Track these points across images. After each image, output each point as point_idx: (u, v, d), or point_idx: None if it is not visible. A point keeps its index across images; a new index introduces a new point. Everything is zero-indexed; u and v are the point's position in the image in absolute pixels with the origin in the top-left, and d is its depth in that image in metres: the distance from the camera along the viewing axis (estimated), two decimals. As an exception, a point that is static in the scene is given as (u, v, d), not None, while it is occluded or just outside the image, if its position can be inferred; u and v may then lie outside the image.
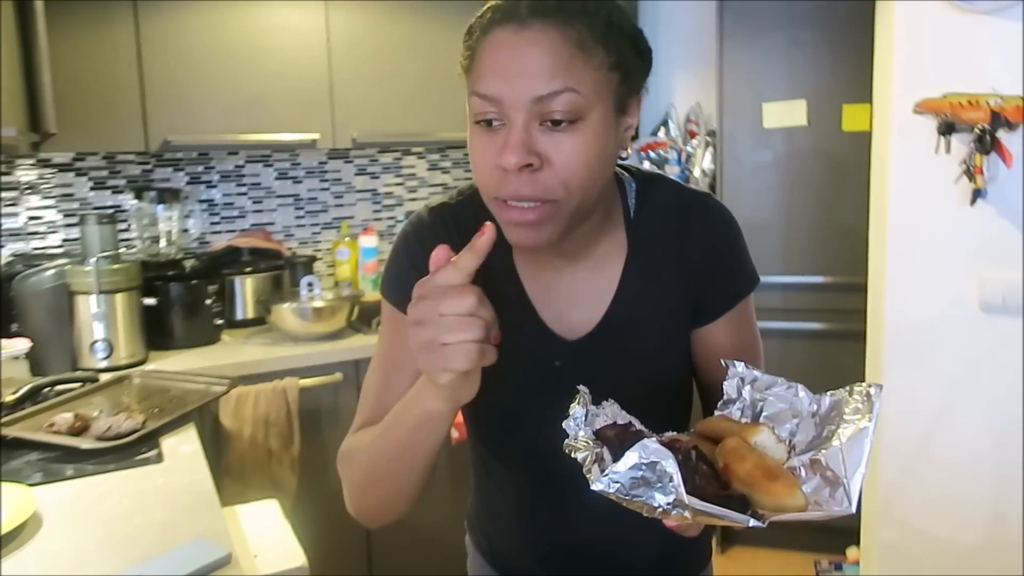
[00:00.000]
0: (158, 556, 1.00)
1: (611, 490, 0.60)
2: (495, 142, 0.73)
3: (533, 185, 0.72)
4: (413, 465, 0.79)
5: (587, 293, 0.87)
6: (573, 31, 0.71)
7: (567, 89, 0.71)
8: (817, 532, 2.77)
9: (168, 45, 2.21)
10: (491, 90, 0.72)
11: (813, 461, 0.64)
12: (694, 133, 3.03)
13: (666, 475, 0.59)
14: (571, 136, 0.72)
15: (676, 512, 0.59)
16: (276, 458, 2.10)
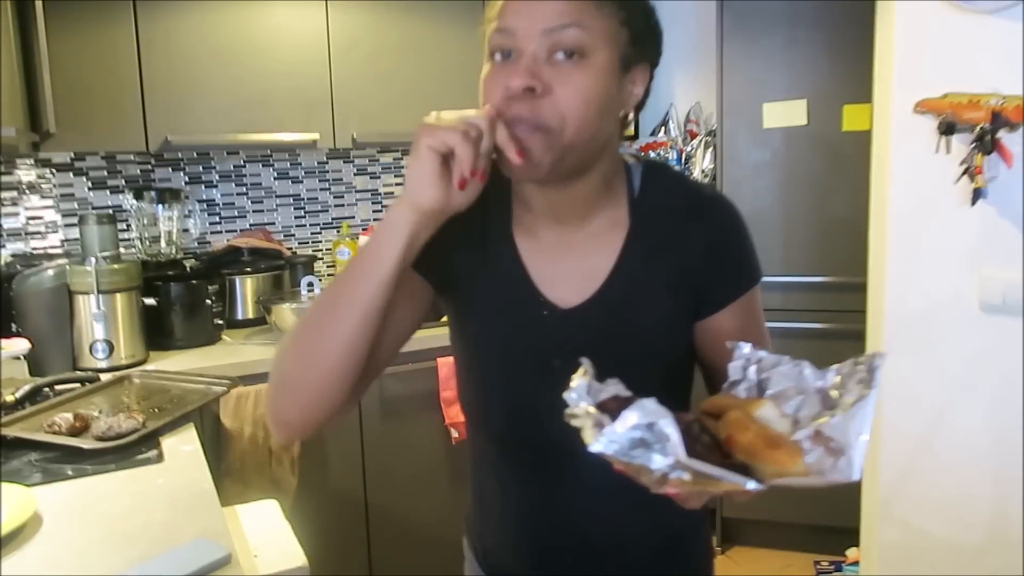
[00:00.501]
0: (158, 556, 1.00)
1: (609, 451, 0.60)
2: (505, 71, 0.78)
3: (532, 108, 0.76)
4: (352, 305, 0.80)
5: (584, 265, 0.88)
6: None
7: (574, 24, 0.76)
8: (817, 532, 2.77)
9: (168, 45, 2.21)
10: (508, 23, 0.78)
11: (816, 432, 0.63)
12: (694, 133, 3.03)
13: (664, 435, 0.59)
14: (574, 70, 0.77)
15: (675, 475, 0.59)
16: (276, 458, 2.10)
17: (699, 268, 0.88)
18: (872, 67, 1.98)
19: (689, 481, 0.59)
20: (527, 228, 0.90)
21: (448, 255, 0.89)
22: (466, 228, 0.87)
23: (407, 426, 2.30)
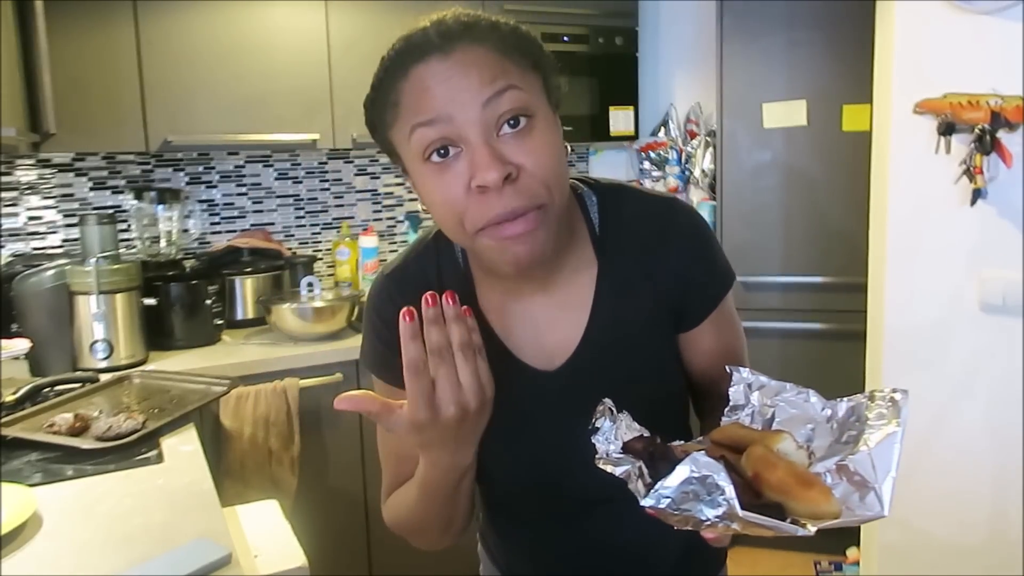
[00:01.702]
0: (158, 556, 1.00)
1: (661, 505, 0.59)
2: (458, 169, 0.70)
3: (518, 195, 0.70)
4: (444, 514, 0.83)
5: (560, 318, 0.84)
6: (491, 43, 0.72)
7: (510, 87, 0.70)
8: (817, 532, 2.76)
9: (168, 45, 2.21)
10: (436, 110, 0.70)
11: (840, 467, 0.64)
12: (694, 133, 3.03)
13: (717, 488, 0.58)
14: (531, 135, 0.71)
15: (723, 524, 0.59)
16: (276, 458, 2.10)
17: (675, 289, 0.85)
18: (872, 67, 1.98)
19: (739, 528, 0.59)
20: (497, 303, 0.85)
21: None
22: None
23: (407, 426, 2.30)
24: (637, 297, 0.84)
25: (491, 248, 0.73)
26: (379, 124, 0.78)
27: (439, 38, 0.72)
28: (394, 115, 0.74)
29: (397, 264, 0.89)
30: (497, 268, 0.76)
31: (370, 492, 2.28)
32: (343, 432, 2.24)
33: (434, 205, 0.74)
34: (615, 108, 2.94)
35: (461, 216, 0.72)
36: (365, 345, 0.91)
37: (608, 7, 2.85)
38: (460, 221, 0.72)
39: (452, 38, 0.71)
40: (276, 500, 1.62)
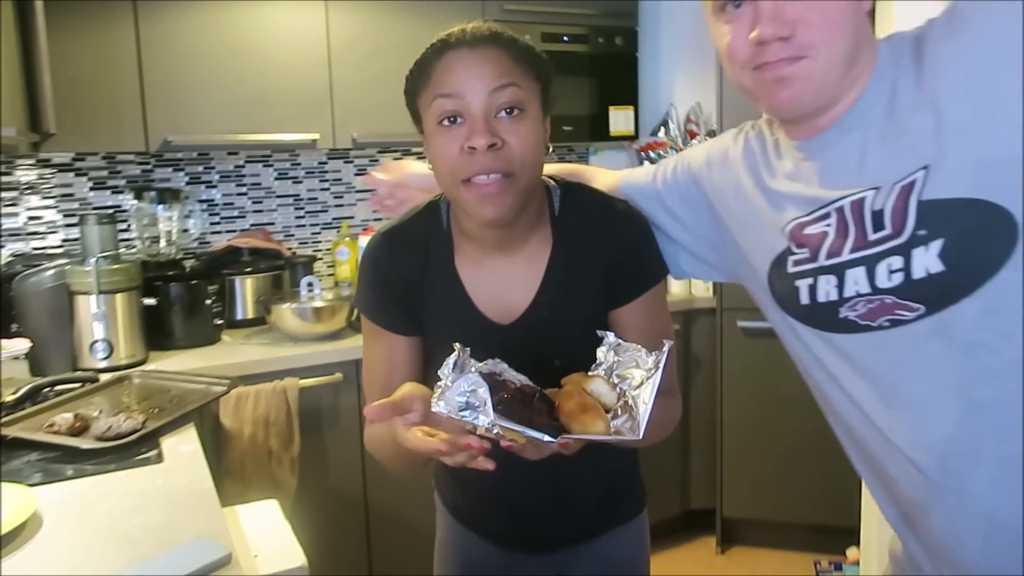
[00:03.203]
0: (158, 556, 1.00)
1: (445, 411, 0.77)
2: (459, 134, 0.91)
3: (497, 160, 0.91)
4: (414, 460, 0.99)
5: (518, 283, 1.04)
6: (509, 50, 0.94)
7: (513, 83, 0.92)
8: (817, 532, 2.77)
9: (168, 45, 2.21)
10: (455, 88, 0.91)
11: (625, 403, 0.82)
12: (694, 133, 3.03)
13: (482, 400, 0.76)
14: (520, 123, 0.92)
15: (496, 431, 0.76)
16: (276, 458, 2.10)
17: (613, 268, 1.03)
18: (872, 67, 1.98)
19: (504, 435, 0.77)
20: (470, 258, 1.05)
21: (414, 309, 1.06)
22: (418, 280, 1.06)
23: (407, 426, 2.31)
24: (583, 271, 1.03)
25: (468, 201, 0.94)
26: (413, 90, 0.97)
27: (470, 36, 0.93)
28: (424, 85, 0.95)
29: (394, 224, 1.09)
30: (472, 220, 0.98)
31: (370, 492, 2.28)
32: (343, 432, 2.24)
33: (436, 158, 0.95)
34: (615, 108, 2.94)
35: (453, 168, 0.92)
36: (360, 291, 1.10)
37: (608, 7, 2.85)
38: (452, 171, 0.93)
39: (480, 39, 0.93)
40: (276, 500, 1.62)
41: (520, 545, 1.18)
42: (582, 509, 1.15)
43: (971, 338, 0.78)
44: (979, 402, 0.78)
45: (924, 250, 0.77)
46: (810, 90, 0.82)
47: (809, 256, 0.88)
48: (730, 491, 2.82)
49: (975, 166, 0.76)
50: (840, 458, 1.00)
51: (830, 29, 0.80)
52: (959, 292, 0.77)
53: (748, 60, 0.83)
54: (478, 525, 1.20)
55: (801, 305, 0.90)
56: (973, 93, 0.76)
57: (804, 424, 2.73)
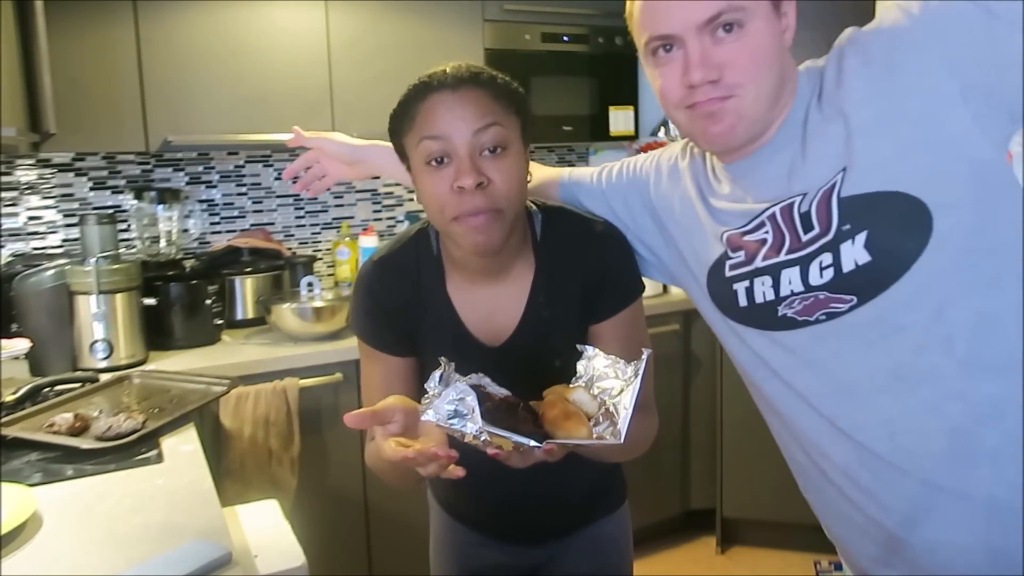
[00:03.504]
0: (158, 556, 1.00)
1: (434, 419, 0.80)
2: (447, 174, 0.96)
3: (484, 198, 0.95)
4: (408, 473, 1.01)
5: (505, 306, 1.09)
6: (490, 89, 0.98)
7: (495, 123, 0.96)
8: (817, 532, 2.76)
9: (168, 45, 2.21)
10: (440, 131, 0.95)
11: (606, 411, 0.86)
12: (694, 133, 3.02)
13: (470, 407, 0.79)
14: (504, 160, 0.97)
15: (483, 438, 0.79)
16: (276, 458, 2.10)
17: (593, 286, 1.08)
18: (872, 67, 1.98)
19: (491, 442, 0.80)
20: (460, 284, 1.10)
21: (407, 332, 1.11)
22: (410, 305, 1.10)
23: (407, 426, 2.31)
24: (565, 291, 1.08)
25: (459, 233, 0.98)
26: (398, 131, 1.02)
27: (452, 79, 0.97)
28: (409, 126, 0.99)
29: (384, 253, 1.13)
30: (462, 251, 1.03)
31: (370, 492, 2.28)
32: (343, 432, 2.24)
33: (425, 196, 1.00)
34: (615, 108, 2.94)
35: (443, 207, 0.97)
36: (355, 316, 1.15)
37: (608, 7, 2.85)
38: (441, 210, 0.98)
39: (461, 80, 0.97)
40: (276, 500, 1.62)
41: (512, 538, 1.25)
42: (569, 504, 1.23)
43: (901, 321, 0.84)
44: (915, 378, 0.84)
45: (851, 243, 0.84)
46: (741, 125, 0.90)
47: (744, 260, 0.95)
48: (730, 491, 2.82)
49: (883, 162, 0.83)
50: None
51: (755, 69, 0.87)
52: (887, 279, 0.83)
53: (680, 101, 0.90)
54: (471, 520, 1.27)
55: (740, 307, 0.96)
56: (872, 99, 0.85)
57: (804, 424, 2.73)
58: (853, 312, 0.86)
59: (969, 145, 0.81)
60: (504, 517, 1.24)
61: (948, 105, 0.81)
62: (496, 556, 1.26)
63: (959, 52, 0.80)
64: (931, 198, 0.81)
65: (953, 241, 0.81)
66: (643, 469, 2.70)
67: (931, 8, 0.82)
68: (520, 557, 1.26)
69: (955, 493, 0.84)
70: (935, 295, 0.82)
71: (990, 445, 0.82)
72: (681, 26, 0.86)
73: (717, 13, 0.85)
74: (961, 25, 0.80)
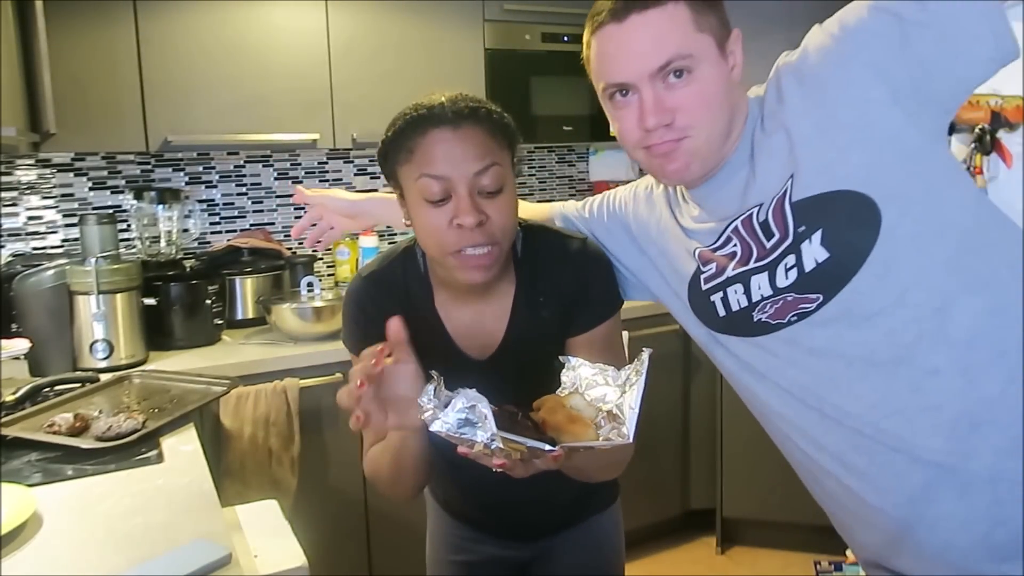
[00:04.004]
0: (158, 556, 1.00)
1: (443, 430, 0.80)
2: (446, 211, 0.98)
3: (484, 235, 0.99)
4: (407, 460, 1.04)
5: (490, 321, 1.12)
6: (487, 126, 1.00)
7: (494, 164, 0.99)
8: (817, 532, 2.76)
9: (168, 45, 2.21)
10: (441, 171, 0.98)
11: (609, 412, 0.87)
12: (694, 133, 3.03)
13: (482, 415, 0.79)
14: (500, 197, 1.00)
15: (494, 445, 0.79)
16: (276, 458, 2.10)
17: (571, 300, 1.11)
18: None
19: (503, 449, 0.79)
20: (447, 301, 1.13)
21: None
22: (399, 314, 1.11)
23: (407, 426, 2.31)
24: (544, 306, 1.12)
25: (456, 267, 1.01)
26: (391, 159, 1.04)
27: (452, 114, 0.98)
28: (407, 158, 1.01)
29: (373, 268, 1.17)
30: (454, 281, 1.06)
31: (370, 492, 2.28)
32: (343, 432, 2.24)
33: (422, 229, 1.02)
34: (615, 108, 2.94)
35: (441, 240, 1.00)
36: (346, 330, 1.18)
37: (608, 7, 2.85)
38: (439, 244, 1.00)
39: (461, 117, 0.98)
40: (276, 500, 1.62)
41: (507, 534, 1.30)
42: (562, 504, 1.27)
43: (867, 309, 0.88)
44: (890, 361, 0.89)
45: (809, 243, 0.90)
46: (695, 162, 0.96)
47: (716, 271, 1.00)
48: (730, 491, 2.82)
49: (826, 165, 0.89)
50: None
51: (706, 110, 0.93)
52: (847, 273, 0.88)
53: (638, 142, 0.97)
54: (467, 517, 1.32)
55: (720, 318, 1.02)
56: (809, 111, 0.92)
57: (804, 424, 2.73)
58: (821, 309, 0.91)
59: (903, 140, 0.87)
60: (499, 516, 1.28)
61: (878, 107, 0.87)
62: (491, 550, 1.30)
63: (880, 59, 0.87)
64: (875, 192, 0.87)
65: (902, 228, 0.87)
66: (643, 469, 2.70)
67: (849, 26, 0.90)
68: (514, 552, 1.31)
69: (947, 468, 0.87)
70: (895, 280, 0.87)
71: (972, 415, 0.86)
72: (635, 75, 0.93)
73: (667, 61, 0.91)
74: (877, 35, 0.87)
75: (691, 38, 0.92)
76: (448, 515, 1.34)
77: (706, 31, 0.93)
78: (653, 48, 0.91)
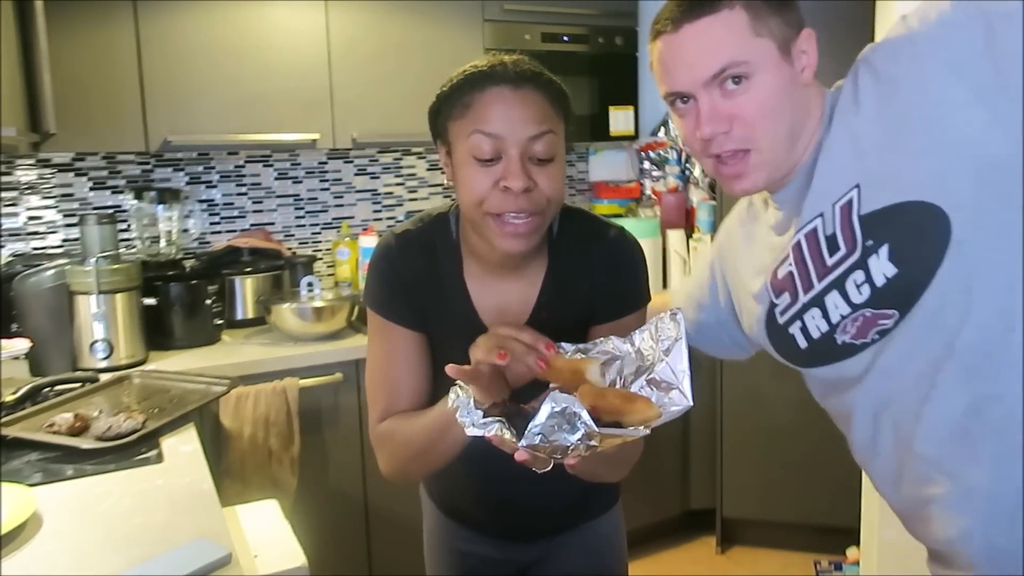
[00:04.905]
0: (158, 556, 1.00)
1: (536, 441, 0.76)
2: (494, 171, 0.96)
3: (529, 202, 0.96)
4: (443, 451, 1.02)
5: (517, 299, 1.10)
6: (547, 92, 0.98)
7: (550, 131, 0.97)
8: (817, 532, 2.77)
9: (168, 45, 2.21)
10: (495, 129, 0.95)
11: (650, 380, 0.84)
12: (694, 133, 3.02)
13: (575, 415, 0.76)
14: (551, 167, 0.98)
15: (583, 444, 0.76)
16: (276, 458, 2.10)
17: (599, 288, 1.10)
18: (872, 67, 1.97)
19: (597, 444, 0.76)
20: (476, 273, 1.11)
21: (421, 308, 1.11)
22: (427, 283, 1.11)
23: (407, 426, 2.31)
24: (573, 290, 1.10)
25: (494, 232, 0.98)
26: (446, 113, 1.01)
27: (515, 75, 0.97)
28: (461, 113, 0.98)
29: (405, 228, 1.14)
30: (487, 251, 1.06)
31: (370, 492, 2.28)
32: (343, 432, 2.24)
33: (466, 188, 0.99)
34: (615, 108, 2.94)
35: (483, 200, 0.97)
36: (369, 287, 1.14)
37: (608, 7, 2.85)
38: (480, 204, 0.98)
39: (523, 78, 0.97)
40: (276, 500, 1.62)
41: (505, 536, 1.26)
42: (562, 503, 1.24)
43: (936, 329, 0.86)
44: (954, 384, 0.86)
45: (876, 258, 0.86)
46: (760, 177, 0.93)
47: (790, 300, 0.97)
48: (730, 491, 2.82)
49: (895, 174, 0.85)
50: (840, 458, 1.00)
51: (765, 119, 0.90)
52: (917, 288, 0.85)
53: (701, 151, 0.94)
54: (463, 516, 1.28)
55: (801, 351, 0.98)
56: (882, 115, 0.87)
57: (804, 424, 2.72)
58: (899, 327, 0.88)
59: (983, 145, 0.81)
60: (495, 514, 1.25)
61: (957, 109, 0.81)
62: (489, 552, 1.27)
63: (962, 56, 0.81)
64: (946, 202, 0.82)
65: (973, 243, 0.82)
66: (643, 469, 2.69)
67: (930, 19, 0.84)
68: (513, 553, 1.28)
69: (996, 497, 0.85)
70: (962, 299, 0.83)
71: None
72: (689, 84, 0.91)
73: (721, 69, 0.89)
74: (960, 29, 0.81)
75: (748, 44, 0.89)
76: (444, 515, 1.32)
77: (765, 35, 0.89)
78: (706, 56, 0.89)
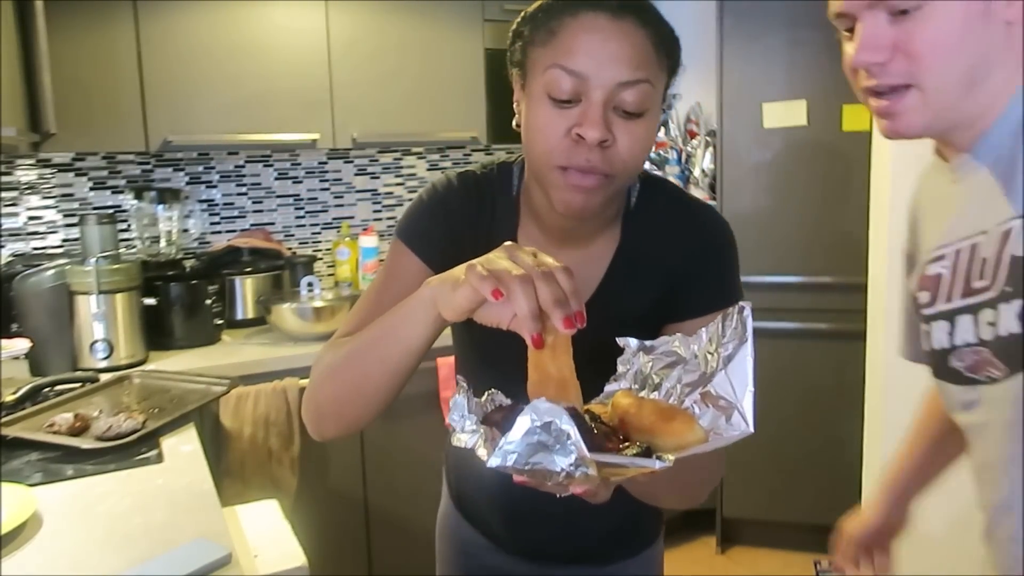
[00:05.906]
0: (158, 556, 1.00)
1: (508, 462, 0.56)
2: (568, 116, 0.79)
3: (602, 158, 0.80)
4: (384, 356, 0.79)
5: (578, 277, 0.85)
6: (654, 32, 0.80)
7: (646, 80, 0.79)
8: (817, 532, 2.77)
9: (168, 45, 2.21)
10: (580, 66, 0.78)
11: (704, 394, 0.65)
12: (694, 133, 3.03)
13: (563, 434, 0.55)
14: (638, 124, 0.80)
15: (580, 473, 0.55)
16: (276, 458, 2.10)
17: (679, 278, 0.92)
18: (872, 67, 1.97)
19: (594, 475, 0.56)
20: (531, 237, 0.94)
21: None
22: (475, 235, 0.93)
23: (407, 426, 2.30)
24: (647, 278, 0.93)
25: (556, 185, 0.82)
26: (528, 37, 0.84)
27: (616, 2, 0.79)
28: (545, 40, 0.81)
29: (467, 171, 1.00)
30: (547, 210, 0.89)
31: (370, 492, 2.28)
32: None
33: (534, 131, 0.82)
34: (615, 108, 2.93)
35: (551, 150, 0.81)
36: (408, 217, 0.97)
37: (608, 7, 2.84)
38: (547, 151, 0.81)
39: (626, 8, 0.79)
40: (276, 500, 1.62)
41: (517, 551, 1.10)
42: (592, 531, 1.06)
43: None
44: None
45: (1007, 307, 0.73)
46: (916, 122, 0.78)
47: (929, 300, 0.85)
48: (730, 491, 2.82)
49: None
50: (840, 458, 0.99)
51: (935, 54, 0.74)
52: None
53: (856, 85, 0.81)
54: (476, 520, 1.13)
55: (924, 351, 0.88)
56: None
57: (805, 424, 2.73)
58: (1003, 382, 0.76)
59: None
60: (511, 525, 1.09)
61: None
62: (502, 563, 1.12)
63: None
64: None
65: None
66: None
67: None
68: (524, 570, 1.11)
69: None
70: None
71: None
72: (850, 3, 0.77)
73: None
74: None
75: None
76: (456, 511, 1.17)
77: None
78: None
